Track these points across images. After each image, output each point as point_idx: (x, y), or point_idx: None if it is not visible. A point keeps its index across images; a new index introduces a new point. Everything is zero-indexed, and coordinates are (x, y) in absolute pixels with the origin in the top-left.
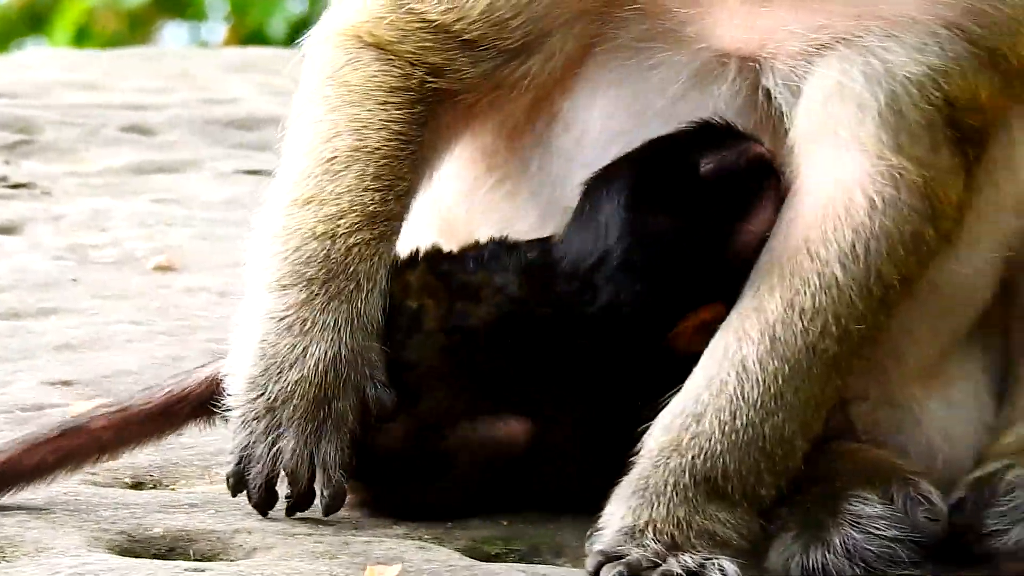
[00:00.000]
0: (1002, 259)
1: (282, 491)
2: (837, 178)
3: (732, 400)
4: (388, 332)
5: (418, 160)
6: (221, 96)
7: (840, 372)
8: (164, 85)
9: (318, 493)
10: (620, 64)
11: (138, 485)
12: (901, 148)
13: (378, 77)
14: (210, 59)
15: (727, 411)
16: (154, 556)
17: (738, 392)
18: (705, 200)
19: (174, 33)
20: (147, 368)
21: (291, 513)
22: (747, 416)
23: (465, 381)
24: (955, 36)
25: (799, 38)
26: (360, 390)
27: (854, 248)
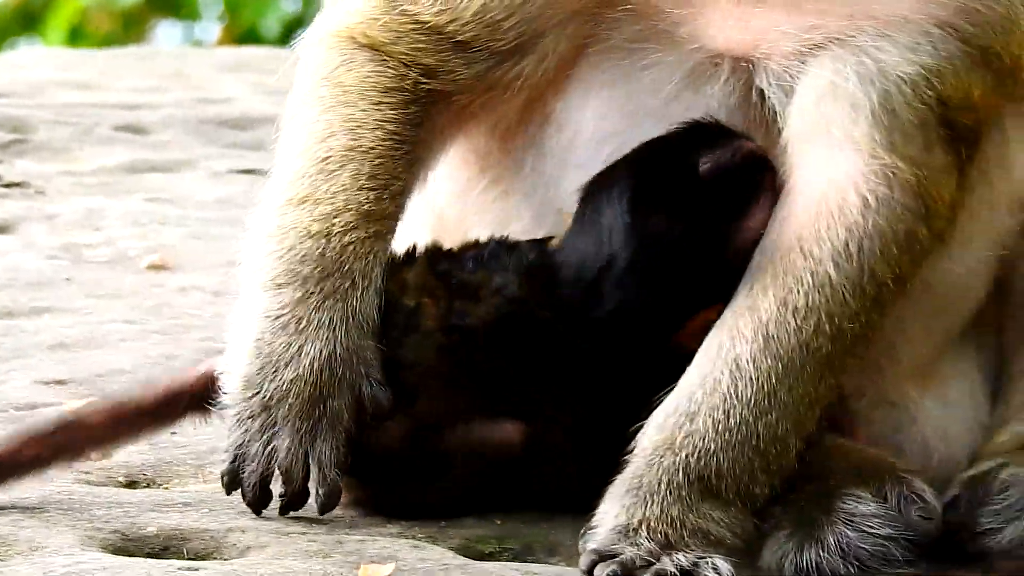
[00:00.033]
0: (996, 257)
1: (276, 490)
2: (830, 177)
3: (726, 398)
4: (384, 330)
5: (413, 160)
6: (215, 95)
7: (834, 370)
8: (158, 84)
9: (313, 492)
10: (613, 65)
11: (132, 484)
12: (894, 147)
13: (372, 78)
14: (204, 58)
15: (721, 409)
16: (148, 555)
17: (732, 390)
18: (706, 200)
19: (168, 32)
20: (141, 367)
21: (285, 512)
22: (741, 414)
23: (463, 382)
24: (948, 35)
25: (792, 38)
26: (355, 389)
27: (847, 247)
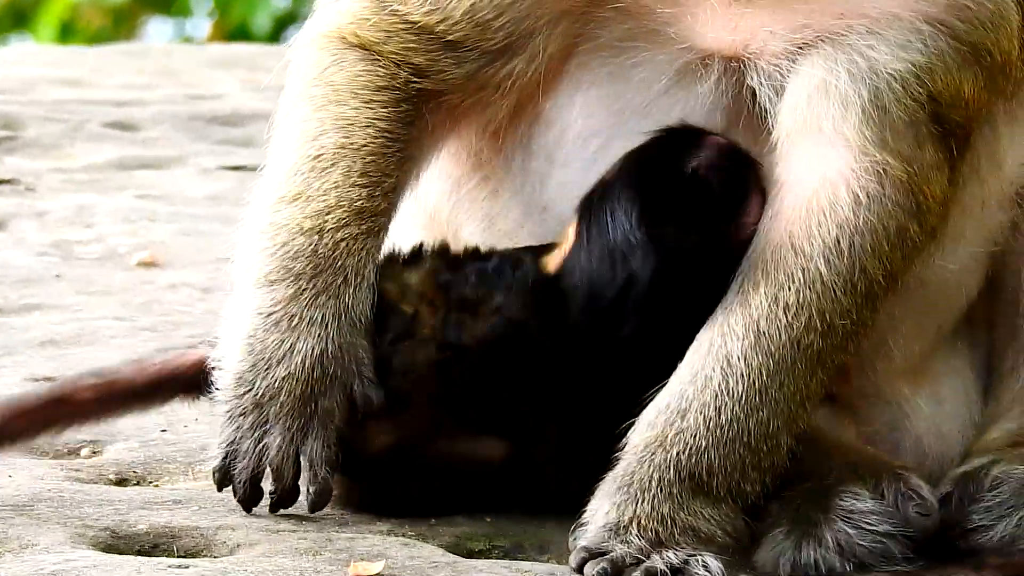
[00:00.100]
0: (987, 254)
1: (267, 487)
2: (822, 174)
3: (717, 395)
4: (379, 331)
5: (404, 158)
6: (205, 92)
7: (825, 367)
8: (148, 81)
9: (303, 490)
10: (602, 63)
11: (122, 482)
12: (885, 144)
13: (363, 77)
14: (194, 55)
15: (711, 406)
16: (138, 552)
17: (723, 387)
18: (707, 203)
19: (158, 29)
20: None
21: (275, 509)
22: (732, 411)
23: (451, 398)
24: (938, 32)
25: (782, 38)
26: (347, 387)
27: (838, 243)
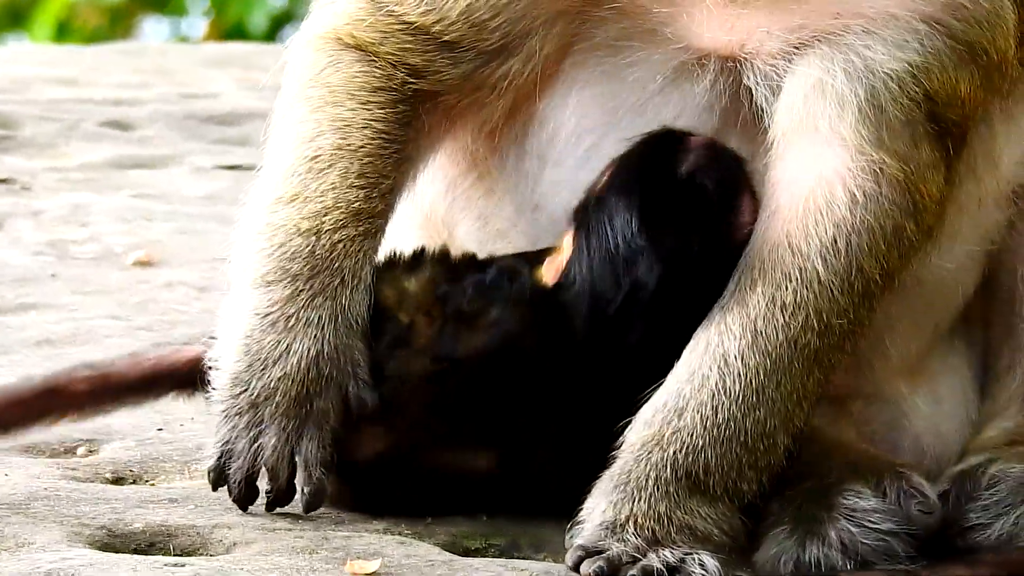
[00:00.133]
0: (984, 252)
1: (263, 486)
2: (818, 173)
3: (714, 394)
4: (374, 336)
5: (401, 159)
6: (201, 91)
7: (822, 367)
8: (144, 80)
9: (298, 490)
10: (598, 62)
11: (118, 480)
12: (882, 143)
13: (360, 78)
14: (190, 54)
15: (708, 405)
16: (134, 551)
17: (719, 386)
18: (704, 205)
19: (154, 28)
20: None
21: (271, 509)
22: (728, 410)
23: (444, 410)
24: (935, 31)
25: (779, 38)
26: (342, 388)
27: (835, 243)
